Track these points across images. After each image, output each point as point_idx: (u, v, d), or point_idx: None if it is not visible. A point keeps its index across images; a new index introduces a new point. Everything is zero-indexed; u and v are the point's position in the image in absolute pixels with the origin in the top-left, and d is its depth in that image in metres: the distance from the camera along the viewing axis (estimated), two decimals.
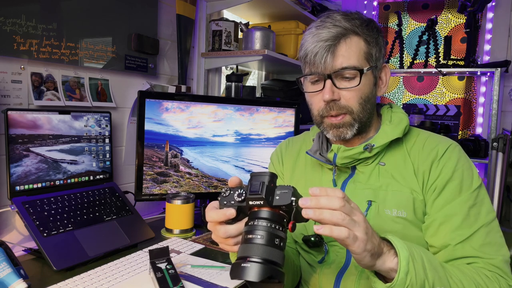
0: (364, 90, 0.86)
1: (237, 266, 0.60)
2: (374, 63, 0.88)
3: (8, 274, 0.86)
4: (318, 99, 0.88)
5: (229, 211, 0.67)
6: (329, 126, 0.89)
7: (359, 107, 0.86)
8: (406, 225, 0.84)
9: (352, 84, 0.85)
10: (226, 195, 0.69)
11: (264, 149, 1.62)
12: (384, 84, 0.93)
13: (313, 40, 0.85)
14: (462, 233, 0.81)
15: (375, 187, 0.88)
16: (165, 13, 1.72)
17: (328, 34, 0.84)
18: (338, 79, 0.85)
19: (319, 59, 0.84)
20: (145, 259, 1.11)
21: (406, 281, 0.66)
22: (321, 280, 0.92)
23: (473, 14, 2.42)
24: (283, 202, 0.63)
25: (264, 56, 1.77)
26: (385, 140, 0.88)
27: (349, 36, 0.84)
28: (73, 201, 1.22)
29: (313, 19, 2.27)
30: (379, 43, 0.89)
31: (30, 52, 1.21)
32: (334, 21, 0.85)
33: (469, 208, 0.82)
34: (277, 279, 0.60)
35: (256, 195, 0.63)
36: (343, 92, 0.85)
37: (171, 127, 1.45)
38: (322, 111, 0.88)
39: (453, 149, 0.87)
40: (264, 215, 0.63)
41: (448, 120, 2.73)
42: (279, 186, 0.65)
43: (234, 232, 0.68)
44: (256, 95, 2.16)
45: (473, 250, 0.80)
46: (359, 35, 0.85)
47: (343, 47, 0.84)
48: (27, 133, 1.16)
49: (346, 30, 0.84)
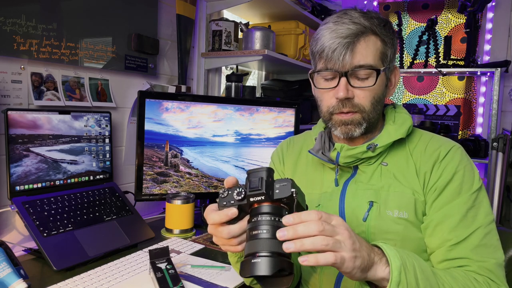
0: (378, 91, 0.86)
1: (247, 263, 0.60)
2: (388, 64, 0.87)
3: (8, 274, 0.86)
4: (329, 95, 0.87)
5: (231, 211, 0.67)
6: (337, 123, 0.87)
7: (371, 107, 0.86)
8: (408, 226, 0.84)
9: (366, 83, 0.84)
10: (224, 196, 0.68)
11: (264, 149, 1.62)
12: (393, 86, 0.93)
13: (331, 36, 0.82)
14: (458, 234, 0.80)
15: (376, 187, 0.88)
16: (165, 13, 1.72)
17: (347, 31, 0.82)
18: (353, 78, 0.84)
19: (337, 55, 0.82)
20: (145, 259, 1.11)
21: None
22: (321, 280, 0.92)
23: (473, 14, 2.42)
24: (283, 194, 0.63)
25: (264, 56, 1.77)
26: (388, 140, 0.88)
27: (368, 35, 0.83)
28: (73, 201, 1.22)
29: (313, 19, 2.27)
30: (395, 45, 0.88)
31: (30, 52, 1.21)
32: (353, 18, 0.83)
33: (467, 210, 0.81)
34: (288, 271, 0.60)
35: (257, 191, 0.63)
36: (356, 91, 0.84)
37: (171, 127, 1.45)
38: (332, 108, 0.86)
39: (455, 151, 0.87)
40: (266, 210, 0.63)
41: (448, 120, 2.73)
42: (277, 180, 0.65)
43: (238, 231, 0.68)
44: (256, 95, 2.16)
45: (467, 252, 0.79)
46: (377, 34, 0.84)
47: (362, 45, 0.82)
48: (27, 133, 1.16)
49: (365, 28, 0.83)
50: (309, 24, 2.22)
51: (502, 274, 0.80)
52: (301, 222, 0.60)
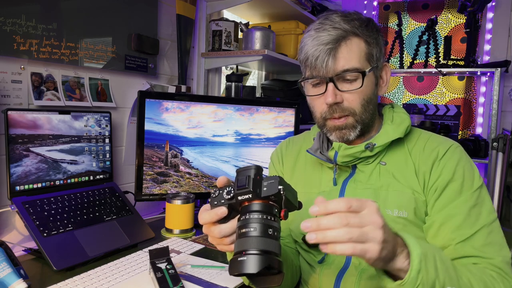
0: (367, 91, 0.86)
1: (234, 261, 0.60)
2: (375, 63, 0.87)
3: (8, 274, 0.86)
4: (320, 102, 0.88)
5: (220, 210, 0.67)
6: (332, 128, 0.88)
7: (362, 109, 0.86)
8: (407, 225, 0.84)
9: (354, 86, 0.84)
10: (215, 196, 0.69)
11: (264, 149, 1.62)
12: (385, 83, 0.93)
13: (314, 44, 0.84)
14: (463, 233, 0.80)
15: (376, 187, 0.88)
16: (165, 13, 1.72)
17: (328, 37, 0.83)
18: (340, 82, 0.85)
19: (320, 62, 0.83)
20: (145, 259, 1.11)
21: (417, 280, 0.64)
22: (321, 280, 0.92)
23: (473, 14, 2.42)
24: (271, 192, 0.63)
25: (264, 56, 1.77)
26: (386, 140, 0.88)
27: (349, 38, 0.84)
28: (73, 201, 1.22)
29: (313, 19, 2.27)
30: (379, 43, 0.88)
31: (30, 52, 1.21)
32: (334, 23, 0.84)
33: (470, 208, 0.82)
34: (276, 269, 0.59)
35: (244, 189, 0.64)
36: (345, 95, 0.85)
37: (171, 127, 1.45)
38: (325, 114, 0.87)
39: (454, 150, 0.87)
40: (255, 208, 0.63)
41: (448, 120, 2.73)
42: (265, 177, 0.66)
43: (229, 231, 0.68)
44: (256, 95, 2.16)
45: (473, 250, 0.79)
46: (359, 36, 0.85)
47: (344, 49, 0.83)
48: (27, 133, 1.16)
49: (346, 32, 0.83)
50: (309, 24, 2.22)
51: (510, 271, 0.80)
52: (327, 212, 0.59)
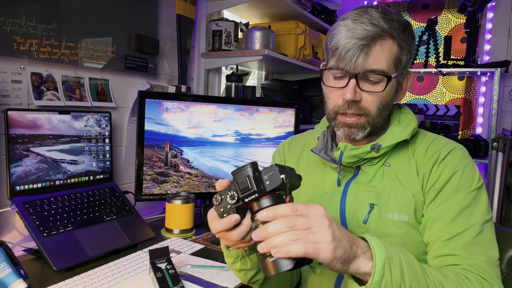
0: (386, 96, 0.84)
1: (267, 263, 0.60)
2: (401, 70, 0.85)
3: (8, 274, 0.86)
4: (337, 95, 0.85)
5: (233, 218, 0.67)
6: (341, 124, 0.87)
7: (377, 112, 0.84)
8: (408, 228, 0.83)
9: (376, 88, 0.82)
10: (219, 202, 0.68)
11: (264, 149, 1.62)
12: (403, 91, 0.91)
13: (347, 35, 0.80)
14: (451, 231, 0.79)
15: (378, 189, 0.87)
16: (165, 13, 1.72)
17: (364, 32, 0.79)
18: (363, 81, 0.82)
19: (350, 56, 0.79)
20: (145, 259, 1.11)
21: (381, 285, 0.63)
22: (321, 281, 0.91)
23: (473, 14, 2.42)
24: (275, 184, 0.62)
25: (264, 56, 1.77)
26: (392, 141, 0.87)
27: (384, 39, 0.80)
28: (73, 201, 1.22)
29: (313, 19, 2.27)
30: (411, 50, 0.86)
31: (30, 52, 1.21)
32: (372, 18, 0.80)
33: (463, 208, 0.80)
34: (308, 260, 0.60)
35: (248, 191, 0.63)
36: (364, 94, 0.83)
37: (171, 127, 1.45)
38: (338, 108, 0.85)
39: (456, 153, 0.86)
40: (265, 204, 0.63)
41: (448, 120, 2.73)
42: (263, 170, 0.65)
43: (245, 229, 0.69)
44: (256, 95, 2.16)
45: (458, 249, 0.77)
46: (394, 38, 0.81)
47: (377, 49, 0.80)
48: (27, 133, 1.16)
49: (383, 31, 0.80)
50: (309, 24, 2.22)
51: (495, 273, 0.77)
52: (275, 217, 0.60)
